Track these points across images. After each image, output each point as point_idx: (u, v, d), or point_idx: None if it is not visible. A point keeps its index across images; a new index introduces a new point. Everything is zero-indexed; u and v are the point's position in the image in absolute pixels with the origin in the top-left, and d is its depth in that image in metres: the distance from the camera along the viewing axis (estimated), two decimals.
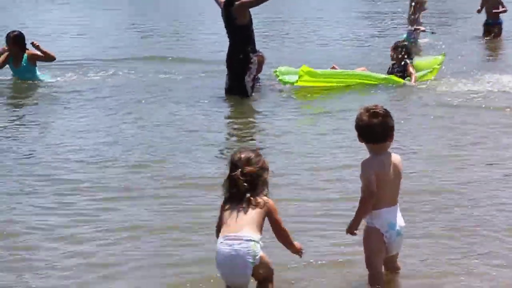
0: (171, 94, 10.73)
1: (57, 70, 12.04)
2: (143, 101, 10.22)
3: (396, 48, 11.35)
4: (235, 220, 4.37)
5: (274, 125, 9.16)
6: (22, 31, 11.59)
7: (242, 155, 4.52)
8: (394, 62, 11.32)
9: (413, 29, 15.23)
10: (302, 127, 9.03)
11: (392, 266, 4.72)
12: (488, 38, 16.33)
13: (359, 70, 11.36)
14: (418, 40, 15.40)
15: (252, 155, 4.55)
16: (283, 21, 20.14)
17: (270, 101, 10.58)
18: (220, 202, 4.56)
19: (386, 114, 4.52)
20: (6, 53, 11.06)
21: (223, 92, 10.61)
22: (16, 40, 11.19)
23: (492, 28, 16.52)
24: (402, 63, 11.18)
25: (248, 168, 4.42)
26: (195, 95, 10.68)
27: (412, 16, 15.64)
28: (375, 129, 4.44)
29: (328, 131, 8.72)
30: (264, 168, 4.54)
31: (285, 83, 10.88)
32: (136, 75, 12.15)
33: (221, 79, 10.89)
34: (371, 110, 4.52)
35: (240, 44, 10.28)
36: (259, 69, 10.85)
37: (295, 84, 10.82)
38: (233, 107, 10.29)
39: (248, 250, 4.32)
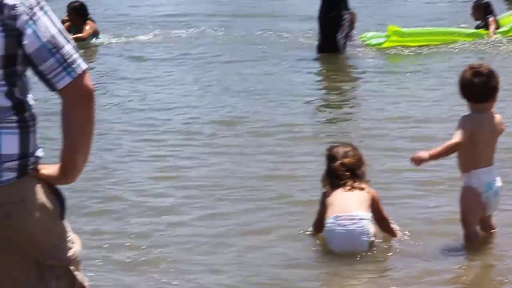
0: (262, 51, 11.10)
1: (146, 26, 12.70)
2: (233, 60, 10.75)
3: (477, 7, 11.54)
4: (343, 201, 4.64)
5: (361, 86, 9.58)
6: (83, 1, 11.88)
7: (340, 149, 4.85)
8: (478, 21, 11.49)
9: None
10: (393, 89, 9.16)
11: (487, 226, 4.84)
12: None
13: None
14: None
15: (348, 149, 4.90)
16: None
17: (360, 59, 10.97)
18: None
19: (490, 74, 4.64)
20: (67, 23, 11.23)
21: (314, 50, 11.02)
22: (77, 11, 11.56)
23: None
24: (483, 21, 11.34)
25: (347, 160, 4.69)
26: (287, 53, 11.03)
27: None
28: (475, 89, 4.55)
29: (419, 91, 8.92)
30: (362, 161, 4.81)
31: (373, 45, 11.09)
32: (227, 31, 12.58)
33: (313, 37, 11.33)
34: (475, 69, 4.65)
35: (333, 1, 10.62)
36: (351, 27, 11.08)
37: (383, 46, 11.01)
38: (325, 64, 10.61)
39: (363, 229, 4.58)
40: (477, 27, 11.47)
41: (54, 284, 3.17)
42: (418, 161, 4.70)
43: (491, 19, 11.32)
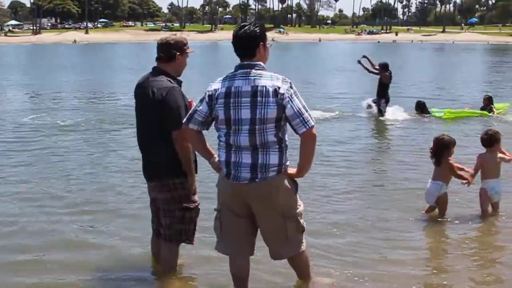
0: None
1: None
2: None
3: (486, 99, 19.16)
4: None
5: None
6: None
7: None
8: (484, 106, 18.98)
9: None
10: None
11: (495, 207, 8.56)
12: None
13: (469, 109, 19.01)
14: None
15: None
16: None
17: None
18: None
19: (494, 133, 8.57)
20: None
21: None
22: None
23: None
24: (488, 107, 18.81)
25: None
26: None
27: None
28: (485, 141, 8.58)
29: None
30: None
31: (435, 116, 18.36)
32: None
33: None
34: (486, 131, 8.73)
35: None
36: None
37: (442, 117, 18.09)
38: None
39: (436, 188, 8.36)
40: (483, 108, 18.94)
41: (289, 225, 5.31)
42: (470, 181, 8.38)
43: (493, 108, 18.79)
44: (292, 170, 5.27)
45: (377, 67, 19.00)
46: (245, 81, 5.13)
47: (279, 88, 5.03)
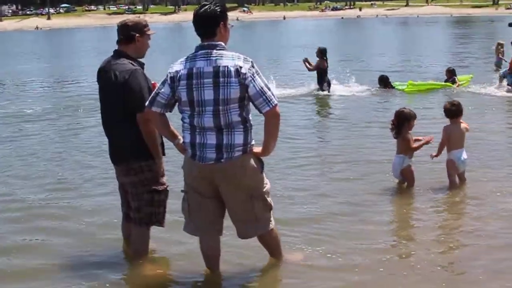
0: None
1: None
2: None
3: (448, 71, 19.44)
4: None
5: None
6: None
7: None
8: (447, 78, 19.24)
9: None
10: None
11: (462, 178, 8.69)
12: None
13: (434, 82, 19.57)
14: None
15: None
16: None
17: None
18: None
19: (458, 104, 8.65)
20: None
21: None
22: None
23: None
24: (451, 79, 19.09)
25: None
26: None
27: None
28: (451, 112, 8.64)
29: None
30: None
31: (398, 89, 18.67)
32: None
33: None
34: (451, 102, 8.78)
35: None
36: None
37: (405, 90, 18.44)
38: None
39: (399, 161, 8.51)
40: (446, 80, 19.13)
41: (257, 204, 5.32)
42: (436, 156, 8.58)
43: (456, 78, 19.07)
44: (257, 149, 5.29)
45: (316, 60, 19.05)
46: (207, 62, 5.12)
47: (240, 67, 5.05)
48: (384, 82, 19.06)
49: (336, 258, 6.27)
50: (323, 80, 18.72)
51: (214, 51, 5.16)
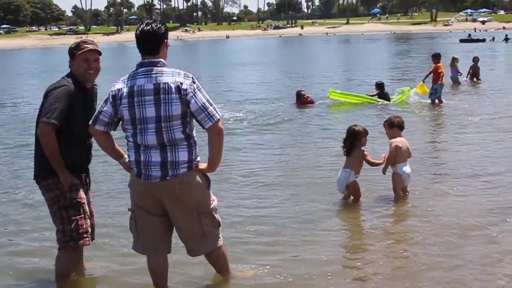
0: None
1: None
2: None
3: (377, 84, 19.99)
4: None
5: None
6: None
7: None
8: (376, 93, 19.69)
9: None
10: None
11: (405, 191, 8.79)
12: None
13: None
14: None
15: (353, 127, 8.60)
16: None
17: None
18: None
19: (401, 118, 8.88)
20: None
21: None
22: None
23: None
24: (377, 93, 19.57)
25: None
26: None
27: None
28: (400, 125, 8.78)
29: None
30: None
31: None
32: None
33: None
34: (396, 116, 8.94)
35: None
36: None
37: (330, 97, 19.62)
38: None
39: (345, 176, 8.46)
40: (373, 95, 19.62)
41: (205, 221, 5.31)
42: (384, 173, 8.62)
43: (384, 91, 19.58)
44: (203, 165, 5.28)
45: None
46: (147, 79, 5.10)
47: (181, 83, 5.04)
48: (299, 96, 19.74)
49: (285, 271, 6.25)
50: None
51: (155, 68, 5.14)
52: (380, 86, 19.88)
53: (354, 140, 8.55)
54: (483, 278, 5.98)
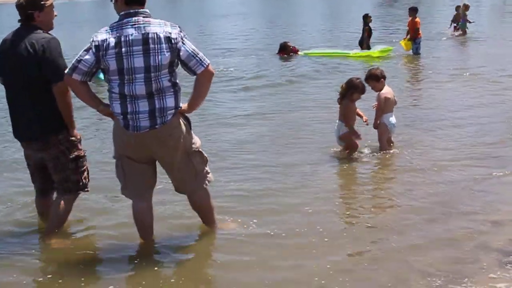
0: None
1: None
2: None
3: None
4: None
5: None
6: None
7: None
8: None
9: None
10: None
11: (390, 141, 8.77)
12: None
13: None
14: None
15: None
16: None
17: None
18: None
19: (382, 71, 8.72)
20: None
21: None
22: None
23: None
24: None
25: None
26: None
27: None
28: (382, 77, 8.64)
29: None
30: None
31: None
32: None
33: None
34: (377, 68, 8.82)
35: None
36: None
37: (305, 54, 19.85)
38: None
39: (338, 126, 8.51)
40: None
41: (195, 160, 5.48)
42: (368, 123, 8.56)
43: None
44: (183, 106, 5.36)
45: None
46: (135, 29, 5.07)
47: (170, 33, 5.07)
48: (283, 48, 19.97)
49: (272, 225, 6.19)
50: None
51: (141, 18, 5.13)
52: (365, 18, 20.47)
53: (349, 90, 8.50)
54: (469, 226, 6.02)
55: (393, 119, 8.77)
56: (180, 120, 5.32)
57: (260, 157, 8.78)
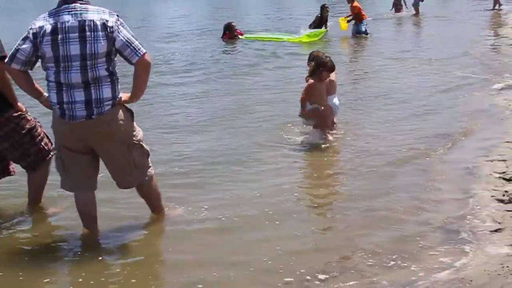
0: None
1: None
2: None
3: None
4: None
5: None
6: None
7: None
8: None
9: None
10: None
11: (333, 122, 8.76)
12: None
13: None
14: None
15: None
16: None
17: None
18: None
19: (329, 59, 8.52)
20: None
21: None
22: None
23: None
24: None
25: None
26: None
27: None
28: (330, 62, 8.42)
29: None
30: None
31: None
32: None
33: None
34: (323, 53, 8.64)
35: None
36: None
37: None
38: None
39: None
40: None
41: (135, 152, 5.31)
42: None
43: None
44: (125, 96, 5.27)
45: None
46: (72, 16, 4.98)
47: (107, 21, 4.98)
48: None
49: (221, 210, 6.16)
50: None
51: (78, 4, 5.03)
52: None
53: (317, 67, 8.35)
54: (410, 205, 6.11)
55: (336, 101, 8.81)
56: (120, 111, 5.21)
57: (204, 142, 8.78)
